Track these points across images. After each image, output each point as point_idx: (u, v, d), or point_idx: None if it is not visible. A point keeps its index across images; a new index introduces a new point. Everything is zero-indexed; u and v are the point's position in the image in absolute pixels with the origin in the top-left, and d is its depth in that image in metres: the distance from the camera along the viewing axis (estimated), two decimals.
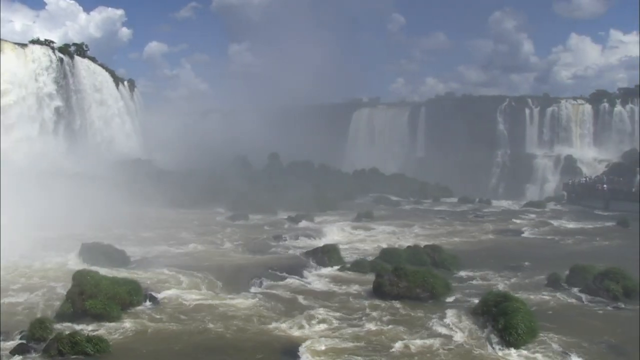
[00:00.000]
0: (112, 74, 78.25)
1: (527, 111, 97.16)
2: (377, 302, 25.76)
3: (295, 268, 31.68)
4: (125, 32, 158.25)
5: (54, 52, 65.42)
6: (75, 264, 30.36)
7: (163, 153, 74.46)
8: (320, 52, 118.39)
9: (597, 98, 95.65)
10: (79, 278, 24.14)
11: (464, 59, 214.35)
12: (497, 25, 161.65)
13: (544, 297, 27.20)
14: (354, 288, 28.35)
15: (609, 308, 25.69)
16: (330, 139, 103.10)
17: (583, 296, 27.18)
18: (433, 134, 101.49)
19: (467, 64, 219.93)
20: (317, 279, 30.31)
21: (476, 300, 24.90)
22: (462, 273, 32.14)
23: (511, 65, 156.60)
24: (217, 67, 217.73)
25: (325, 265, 32.63)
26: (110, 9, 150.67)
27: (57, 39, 75.18)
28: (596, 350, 20.39)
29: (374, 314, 24.08)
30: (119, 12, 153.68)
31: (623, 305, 25.82)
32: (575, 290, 28.02)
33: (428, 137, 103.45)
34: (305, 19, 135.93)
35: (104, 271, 26.91)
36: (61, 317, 22.66)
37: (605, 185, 71.56)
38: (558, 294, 27.63)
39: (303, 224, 48.46)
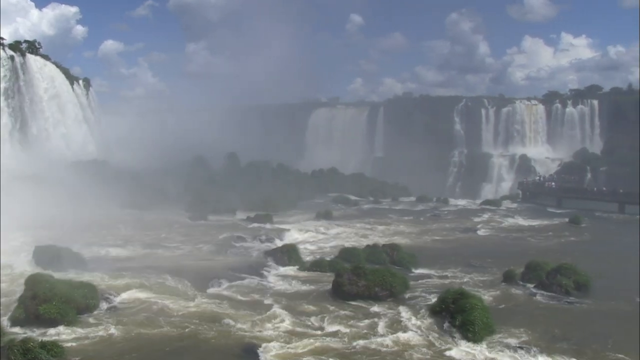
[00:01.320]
0: (67, 72, 76.39)
1: (483, 111, 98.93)
2: (336, 301, 25.83)
3: (255, 268, 31.54)
4: (79, 30, 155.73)
5: (4, 49, 63.55)
6: (28, 267, 29.42)
7: (120, 153, 73.23)
8: (279, 52, 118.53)
9: (549, 99, 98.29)
10: (32, 282, 23.45)
11: (421, 59, 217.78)
12: (453, 26, 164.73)
13: (500, 293, 27.74)
14: (314, 288, 28.39)
15: (561, 302, 26.48)
16: (288, 138, 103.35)
17: (537, 291, 27.95)
18: (391, 133, 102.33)
19: (424, 64, 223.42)
20: (277, 279, 30.23)
21: (434, 298, 25.24)
22: (421, 271, 32.55)
23: (467, 66, 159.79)
24: (175, 66, 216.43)
25: (284, 265, 32.60)
26: (63, 5, 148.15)
27: (7, 36, 72.95)
28: (550, 344, 20.86)
29: (334, 313, 24.12)
30: (73, 9, 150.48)
31: (575, 300, 26.73)
32: (529, 286, 28.79)
33: (386, 137, 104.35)
34: (263, 19, 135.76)
35: (59, 275, 26.34)
36: (13, 323, 22.00)
37: (553, 184, 73.83)
38: (513, 290, 28.26)
39: (262, 224, 48.17)
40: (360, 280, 26.64)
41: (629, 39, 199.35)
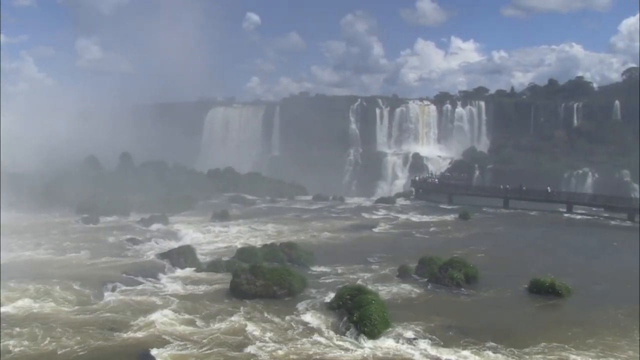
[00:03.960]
0: None
1: (378, 111, 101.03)
2: (234, 301, 25.62)
3: (150, 271, 30.73)
4: None
5: None
6: None
7: (2, 154, 68.86)
8: (174, 49, 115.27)
9: (440, 99, 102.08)
10: None
11: (317, 59, 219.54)
12: (349, 27, 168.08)
13: (396, 288, 28.52)
14: (211, 289, 28.03)
15: (453, 294, 27.68)
16: (184, 138, 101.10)
17: (430, 285, 29.03)
18: (288, 133, 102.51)
19: (320, 64, 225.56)
20: (173, 281, 29.61)
21: (332, 295, 25.56)
22: (318, 269, 32.91)
23: (362, 66, 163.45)
24: (64, 61, 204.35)
25: (180, 267, 32.05)
26: None
27: None
28: (442, 333, 21.69)
29: (231, 314, 23.89)
30: None
31: (465, 291, 28.09)
32: (423, 280, 29.85)
33: (283, 136, 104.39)
34: (158, 15, 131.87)
35: None
36: None
37: (436, 180, 77.41)
38: (408, 284, 29.15)
39: (157, 225, 47.03)
40: (258, 279, 26.62)
41: (510, 45, 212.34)
